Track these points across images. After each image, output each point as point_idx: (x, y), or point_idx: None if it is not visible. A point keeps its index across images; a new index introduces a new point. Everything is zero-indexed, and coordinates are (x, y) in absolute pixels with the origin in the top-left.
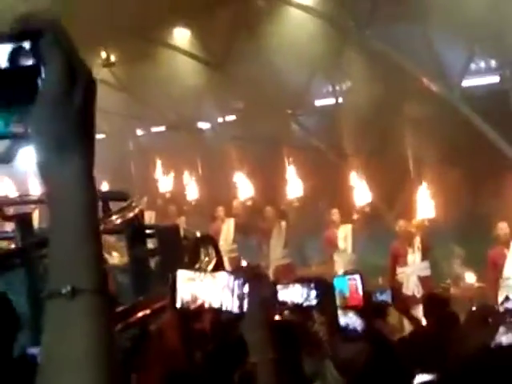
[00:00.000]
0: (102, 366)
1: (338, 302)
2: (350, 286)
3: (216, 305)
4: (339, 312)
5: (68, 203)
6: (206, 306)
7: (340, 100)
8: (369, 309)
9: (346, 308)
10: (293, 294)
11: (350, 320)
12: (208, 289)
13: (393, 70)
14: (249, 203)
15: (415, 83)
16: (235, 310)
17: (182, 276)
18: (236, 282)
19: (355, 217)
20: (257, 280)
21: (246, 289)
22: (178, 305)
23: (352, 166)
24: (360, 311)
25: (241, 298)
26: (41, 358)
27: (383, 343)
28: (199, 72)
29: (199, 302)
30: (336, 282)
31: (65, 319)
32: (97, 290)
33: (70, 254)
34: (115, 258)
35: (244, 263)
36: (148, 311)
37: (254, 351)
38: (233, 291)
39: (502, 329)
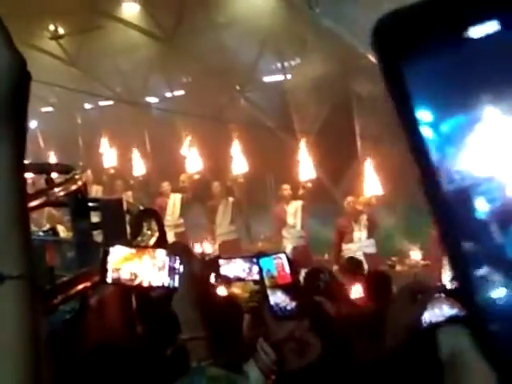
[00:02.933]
0: (27, 354)
1: (267, 282)
2: (276, 265)
3: (155, 283)
4: (268, 292)
5: None
6: (145, 284)
7: (289, 77)
8: (298, 286)
9: (275, 287)
10: (235, 268)
11: (278, 299)
12: (146, 267)
13: (341, 48)
14: (196, 177)
15: (363, 61)
16: (167, 285)
17: (120, 252)
18: (168, 257)
19: (301, 192)
20: (188, 256)
21: (178, 264)
22: (109, 280)
23: (299, 143)
24: (289, 289)
25: (173, 273)
26: None
27: (321, 316)
28: (148, 46)
29: (138, 280)
30: (262, 263)
31: None
32: (24, 276)
33: None
34: (61, 231)
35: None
36: (88, 284)
37: (184, 328)
38: (167, 267)
39: (429, 306)
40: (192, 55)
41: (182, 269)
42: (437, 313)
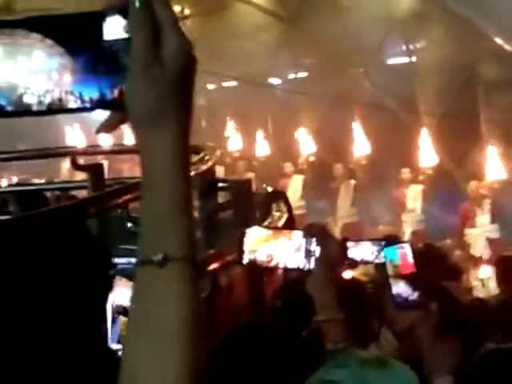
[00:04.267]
0: (188, 336)
1: (390, 271)
2: (400, 254)
3: (290, 265)
4: (391, 281)
5: (160, 174)
6: (281, 266)
7: (413, 59)
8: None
9: (399, 277)
10: (363, 251)
11: (401, 289)
12: (283, 249)
13: (468, 31)
14: (312, 159)
15: (490, 44)
16: (303, 267)
17: (256, 233)
18: (305, 239)
19: (423, 177)
20: (325, 238)
21: (314, 246)
22: (245, 261)
23: (423, 126)
24: (412, 279)
25: (309, 255)
26: (128, 326)
27: (452, 303)
28: (272, 27)
29: (274, 262)
30: (386, 252)
31: (156, 287)
32: (188, 258)
33: (163, 222)
34: None
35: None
36: (217, 265)
37: (320, 309)
38: (303, 249)
39: None
40: (316, 37)
41: (318, 250)
42: None
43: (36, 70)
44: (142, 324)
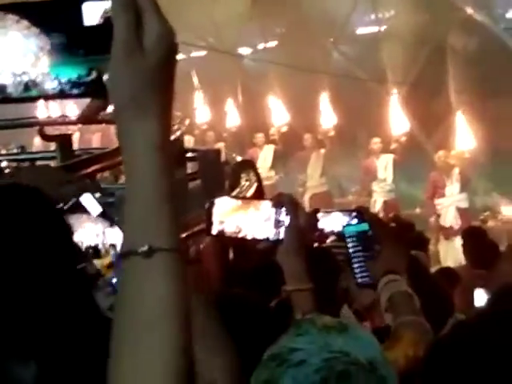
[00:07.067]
0: (175, 328)
1: (351, 249)
2: (362, 232)
3: (260, 236)
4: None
5: (143, 162)
6: (250, 237)
7: (383, 28)
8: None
9: (359, 254)
10: (333, 222)
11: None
12: (251, 219)
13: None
14: (284, 129)
15: (459, 13)
16: (272, 237)
17: (225, 204)
18: (274, 209)
19: (393, 146)
20: (295, 208)
21: (284, 216)
22: (214, 232)
23: (392, 95)
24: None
25: (278, 225)
26: (115, 318)
27: (420, 273)
28: None
29: (243, 233)
30: (346, 230)
31: (141, 278)
32: (174, 249)
33: (147, 213)
34: None
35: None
36: (186, 235)
37: (289, 279)
38: (272, 219)
39: None
40: (286, 6)
41: (287, 220)
42: None
43: (12, 51)
44: (129, 316)
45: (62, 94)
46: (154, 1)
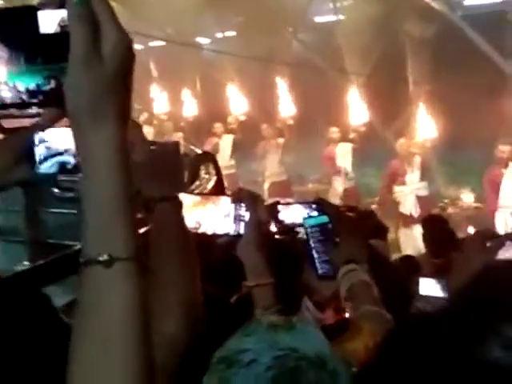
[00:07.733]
0: (138, 337)
1: (311, 241)
2: (321, 225)
3: (219, 231)
4: (313, 251)
5: (100, 170)
6: (210, 232)
7: (341, 17)
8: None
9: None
10: (293, 214)
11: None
12: (211, 215)
13: None
14: (242, 118)
15: (417, 1)
16: (232, 232)
17: (184, 200)
18: (234, 204)
19: (352, 135)
20: (254, 202)
21: (244, 211)
22: None
23: (351, 85)
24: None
25: (238, 220)
26: (74, 326)
27: (379, 261)
28: None
29: (202, 228)
30: (306, 222)
31: (102, 287)
32: (133, 257)
33: (106, 221)
34: None
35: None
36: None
37: (250, 275)
38: (232, 215)
39: (500, 253)
40: None
41: (247, 215)
42: None
43: None
44: (89, 325)
45: (21, 104)
46: (110, 9)
